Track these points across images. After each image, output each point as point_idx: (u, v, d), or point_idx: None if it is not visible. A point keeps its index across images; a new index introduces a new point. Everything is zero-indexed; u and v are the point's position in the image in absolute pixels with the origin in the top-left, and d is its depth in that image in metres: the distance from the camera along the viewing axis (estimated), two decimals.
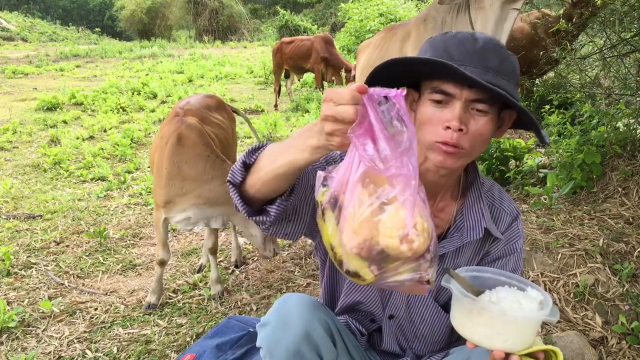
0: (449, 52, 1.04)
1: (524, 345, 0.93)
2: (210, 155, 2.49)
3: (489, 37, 1.06)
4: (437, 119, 1.05)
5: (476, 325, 0.94)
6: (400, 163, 0.76)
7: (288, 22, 20.23)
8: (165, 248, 2.64)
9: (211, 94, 3.20)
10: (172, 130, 2.52)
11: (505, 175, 3.76)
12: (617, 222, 2.85)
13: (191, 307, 2.66)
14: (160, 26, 27.25)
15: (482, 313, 0.92)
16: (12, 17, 27.48)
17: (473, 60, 1.02)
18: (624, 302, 2.34)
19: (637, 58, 3.46)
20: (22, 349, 2.31)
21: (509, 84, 1.04)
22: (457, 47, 1.04)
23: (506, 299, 0.96)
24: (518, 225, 1.28)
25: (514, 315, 0.92)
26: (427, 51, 1.09)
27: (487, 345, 0.93)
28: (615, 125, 3.58)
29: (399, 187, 0.76)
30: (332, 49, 8.34)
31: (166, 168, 2.46)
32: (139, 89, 9.52)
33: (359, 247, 0.78)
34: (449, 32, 1.09)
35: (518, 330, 0.92)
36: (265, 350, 1.14)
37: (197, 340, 2.08)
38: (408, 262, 0.78)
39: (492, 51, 1.03)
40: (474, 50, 1.03)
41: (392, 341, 1.35)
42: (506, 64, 1.05)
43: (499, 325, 0.91)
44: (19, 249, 3.32)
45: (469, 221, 1.21)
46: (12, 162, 5.35)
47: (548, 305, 0.94)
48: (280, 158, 0.94)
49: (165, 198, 2.48)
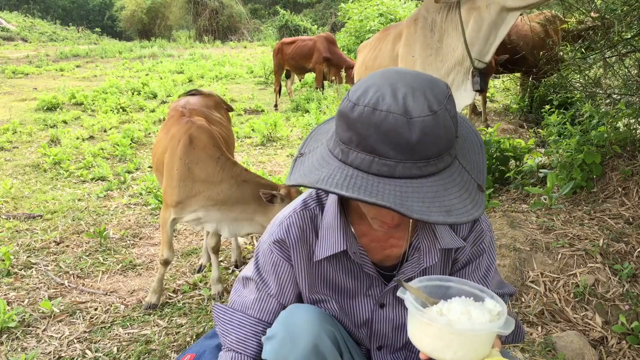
0: (383, 147, 0.88)
1: (477, 357, 0.92)
2: (221, 158, 2.49)
3: (424, 112, 0.88)
4: (374, 215, 1.03)
5: (426, 336, 0.93)
6: None
7: (288, 22, 20.23)
8: (170, 248, 2.64)
9: (210, 92, 3.20)
10: (183, 131, 2.52)
11: (505, 175, 3.76)
12: (617, 222, 2.85)
13: (191, 307, 2.66)
14: (160, 26, 27.26)
15: (430, 325, 0.92)
16: (12, 17, 27.49)
17: (411, 155, 0.88)
18: (624, 302, 2.34)
19: (638, 58, 3.46)
20: (22, 349, 2.31)
21: (449, 156, 0.93)
22: (391, 140, 0.87)
23: (456, 310, 0.95)
24: (481, 223, 1.23)
25: (460, 327, 0.91)
26: (352, 133, 0.90)
27: (438, 357, 0.93)
28: (615, 125, 3.58)
29: None
30: (335, 48, 8.33)
31: (177, 169, 2.46)
32: (139, 89, 9.52)
33: None
34: (377, 107, 0.88)
35: (467, 342, 0.91)
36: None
37: (197, 340, 2.07)
38: None
39: (431, 135, 0.88)
40: (409, 143, 0.87)
41: None
42: (446, 136, 0.91)
43: (447, 337, 0.91)
44: (19, 249, 3.32)
45: (424, 244, 1.19)
46: (12, 162, 5.35)
47: (503, 317, 0.93)
48: None
49: (176, 198, 2.48)
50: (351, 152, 0.91)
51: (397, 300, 1.23)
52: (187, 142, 2.47)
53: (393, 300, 1.24)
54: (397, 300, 1.23)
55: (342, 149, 0.93)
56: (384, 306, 1.25)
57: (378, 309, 1.25)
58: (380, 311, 1.25)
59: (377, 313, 1.25)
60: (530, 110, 6.44)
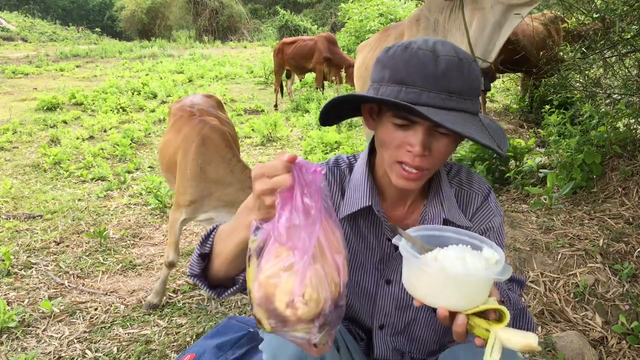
0: (411, 76, 0.99)
1: (471, 304, 0.89)
2: (232, 159, 2.50)
3: (451, 54, 1.00)
4: (400, 142, 1.05)
5: (419, 282, 0.92)
6: (300, 236, 0.83)
7: (288, 22, 20.24)
8: (176, 250, 2.60)
9: (209, 93, 3.20)
10: (196, 131, 2.51)
11: (505, 175, 3.76)
12: (617, 222, 2.85)
13: (191, 307, 2.66)
14: (160, 26, 27.26)
15: (424, 270, 0.90)
16: (12, 17, 27.49)
17: (436, 86, 0.98)
18: (624, 302, 2.34)
19: (638, 58, 3.46)
20: (22, 349, 2.31)
21: (472, 102, 1.02)
22: (419, 71, 0.98)
23: (450, 256, 0.93)
24: (490, 203, 1.24)
25: (454, 272, 0.89)
26: (386, 68, 1.03)
27: (431, 303, 0.91)
28: (615, 125, 3.58)
29: (297, 258, 0.84)
30: (336, 48, 8.32)
31: (190, 169, 2.46)
32: (139, 89, 9.52)
33: (260, 300, 0.86)
34: (409, 46, 1.01)
35: (461, 288, 0.88)
36: (269, 355, 1.14)
37: (197, 340, 2.08)
38: (300, 323, 0.85)
39: (455, 72, 0.98)
40: (436, 74, 0.98)
41: (385, 350, 1.33)
42: (468, 81, 1.00)
43: (441, 282, 0.89)
44: (19, 249, 3.32)
45: (429, 216, 1.21)
46: (12, 162, 5.35)
47: (500, 265, 0.92)
48: (230, 241, 0.99)
49: (190, 198, 2.47)
50: (382, 87, 1.03)
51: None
52: (200, 142, 2.46)
53: (400, 278, 1.24)
54: None
55: (374, 87, 1.05)
56: (390, 283, 1.26)
57: (384, 285, 1.26)
58: (386, 287, 1.26)
59: (383, 288, 1.26)
60: (530, 110, 6.44)
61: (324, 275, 0.86)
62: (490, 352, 0.86)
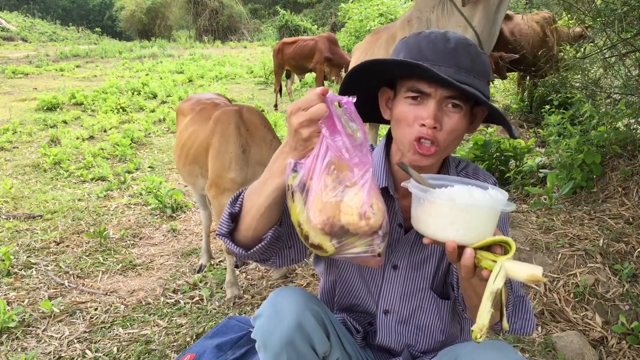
0: (423, 53, 1.08)
1: (478, 237, 0.91)
2: (273, 140, 2.49)
3: (461, 37, 1.10)
4: (413, 116, 1.11)
5: (428, 216, 0.94)
6: (360, 154, 0.91)
7: (288, 22, 20.23)
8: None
9: (217, 93, 3.19)
10: (232, 114, 2.49)
11: (505, 175, 3.76)
12: (617, 222, 2.85)
13: (191, 307, 2.66)
14: (160, 26, 27.28)
15: (432, 203, 0.92)
16: (12, 17, 27.50)
17: (446, 60, 1.07)
18: (624, 302, 2.34)
19: (638, 58, 3.46)
20: (22, 349, 2.31)
21: (481, 82, 1.09)
22: (430, 48, 1.08)
23: (458, 190, 0.96)
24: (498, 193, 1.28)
25: (462, 201, 0.91)
26: (401, 51, 1.13)
27: (441, 237, 0.93)
28: (615, 125, 3.58)
29: (359, 174, 0.91)
30: (336, 48, 8.31)
31: (232, 151, 2.44)
32: (139, 89, 9.52)
33: (323, 224, 0.90)
34: (422, 32, 1.12)
35: (469, 219, 0.90)
36: (260, 341, 1.16)
37: (197, 340, 2.07)
38: (364, 237, 0.92)
39: (464, 51, 1.08)
40: (446, 50, 1.07)
41: (388, 337, 1.35)
42: (477, 62, 1.09)
43: (449, 213, 0.90)
44: (19, 249, 3.32)
45: None
46: (12, 162, 5.35)
47: (504, 199, 0.94)
48: (264, 191, 1.02)
49: (237, 180, 2.44)
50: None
51: (410, 265, 1.27)
52: (239, 123, 2.45)
53: (407, 265, 1.28)
54: (410, 265, 1.27)
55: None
56: (396, 268, 1.28)
57: (390, 270, 1.28)
58: (393, 273, 1.29)
59: (389, 274, 1.29)
60: (530, 110, 6.44)
61: (376, 188, 0.94)
62: (494, 279, 0.87)
